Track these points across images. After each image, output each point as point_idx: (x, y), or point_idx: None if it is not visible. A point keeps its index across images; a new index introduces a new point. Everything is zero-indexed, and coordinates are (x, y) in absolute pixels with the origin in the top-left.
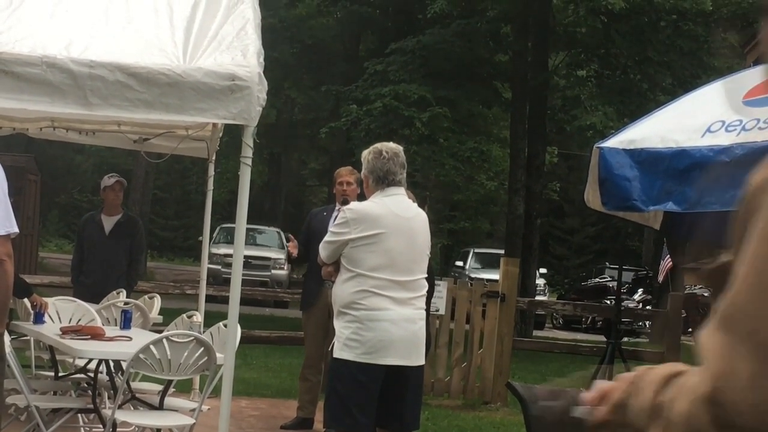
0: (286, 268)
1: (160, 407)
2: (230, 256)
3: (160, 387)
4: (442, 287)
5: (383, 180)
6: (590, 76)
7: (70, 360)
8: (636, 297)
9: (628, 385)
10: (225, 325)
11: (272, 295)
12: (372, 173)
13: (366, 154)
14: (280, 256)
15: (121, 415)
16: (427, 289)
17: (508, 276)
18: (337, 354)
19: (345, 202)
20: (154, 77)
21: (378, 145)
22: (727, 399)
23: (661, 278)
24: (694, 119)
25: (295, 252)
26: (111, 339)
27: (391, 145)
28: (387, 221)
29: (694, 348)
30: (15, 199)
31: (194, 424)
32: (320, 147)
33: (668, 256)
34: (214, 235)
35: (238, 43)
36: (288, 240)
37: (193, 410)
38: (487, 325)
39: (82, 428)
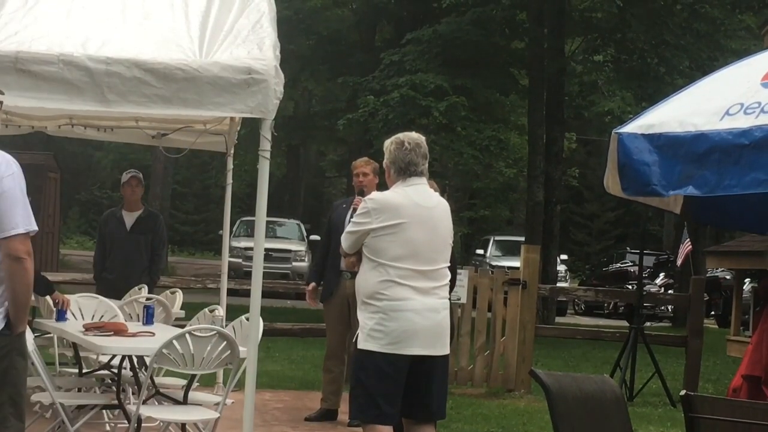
0: (306, 259)
1: (185, 402)
2: (251, 249)
3: (183, 382)
4: (463, 276)
5: (405, 171)
6: (607, 61)
7: (94, 356)
8: (658, 281)
9: None
10: (247, 319)
11: (294, 288)
12: (394, 164)
13: (388, 144)
14: (301, 248)
15: (145, 411)
16: (450, 278)
17: (529, 263)
18: (361, 345)
19: (361, 193)
20: (171, 72)
21: (400, 136)
22: None
23: (680, 262)
24: (712, 102)
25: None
26: (134, 335)
27: (414, 135)
28: (408, 211)
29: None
30: (35, 197)
31: (219, 418)
32: (338, 138)
33: (688, 239)
34: (235, 228)
35: (254, 36)
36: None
37: (218, 404)
38: (509, 313)
39: (107, 424)
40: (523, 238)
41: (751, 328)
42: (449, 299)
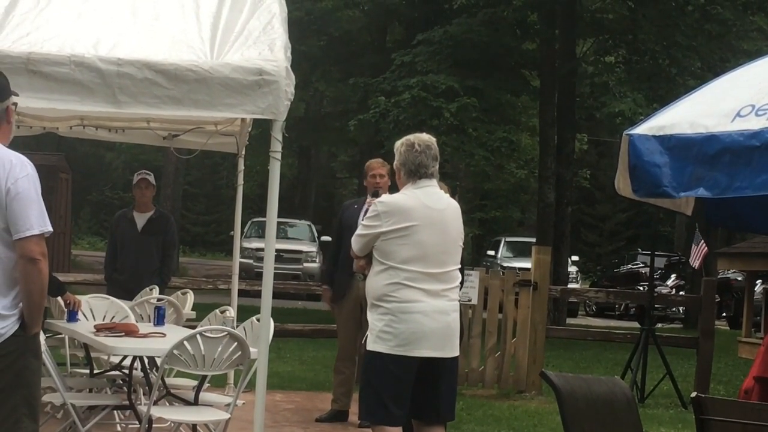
0: (317, 260)
1: (195, 402)
2: (262, 250)
3: (194, 382)
4: (474, 277)
5: (415, 173)
6: (618, 62)
7: (105, 357)
8: (669, 283)
9: None
10: (258, 320)
11: (305, 288)
12: (404, 165)
13: (398, 146)
14: (312, 249)
15: (156, 411)
16: (460, 279)
17: (540, 264)
18: (370, 346)
19: (376, 194)
20: (182, 74)
21: (411, 137)
22: None
23: (698, 264)
24: (723, 104)
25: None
26: (145, 335)
27: (424, 136)
28: (418, 213)
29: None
30: (46, 198)
31: (230, 418)
32: (349, 139)
33: (702, 241)
34: (246, 229)
35: (264, 37)
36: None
37: (228, 405)
38: (520, 314)
39: (118, 425)
40: (534, 240)
41: (762, 330)
42: (459, 301)
